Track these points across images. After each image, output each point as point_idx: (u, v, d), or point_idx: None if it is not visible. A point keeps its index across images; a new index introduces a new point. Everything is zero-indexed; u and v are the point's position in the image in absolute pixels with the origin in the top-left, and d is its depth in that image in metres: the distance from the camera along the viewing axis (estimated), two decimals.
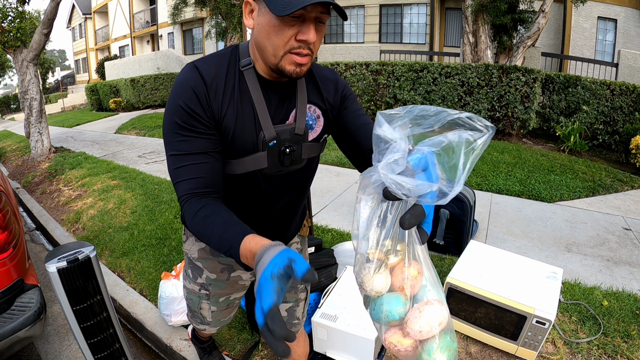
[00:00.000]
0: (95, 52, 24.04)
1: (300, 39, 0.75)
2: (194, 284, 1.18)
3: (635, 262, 2.52)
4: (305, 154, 0.93)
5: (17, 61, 5.55)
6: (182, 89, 0.80)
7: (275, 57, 0.78)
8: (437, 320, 0.55)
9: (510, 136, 6.09)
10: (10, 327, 1.60)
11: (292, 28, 0.74)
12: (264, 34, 0.77)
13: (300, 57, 0.77)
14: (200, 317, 1.25)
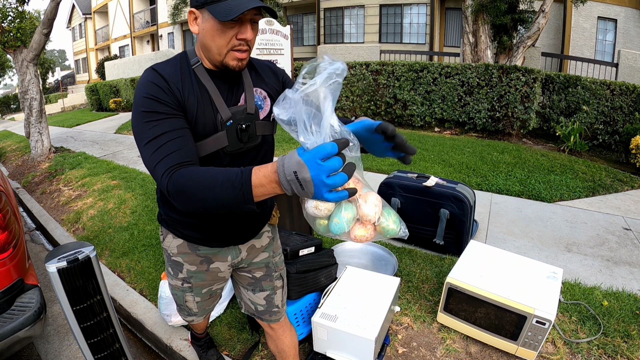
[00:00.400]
0: (95, 52, 24.03)
1: (240, 38, 0.90)
2: (176, 280, 1.25)
3: (635, 262, 2.52)
4: (259, 131, 1.04)
5: (17, 61, 5.55)
6: (143, 86, 0.91)
7: (220, 55, 0.93)
8: (376, 201, 0.74)
9: (510, 136, 6.09)
10: (10, 327, 1.60)
11: (232, 30, 0.89)
12: (209, 37, 0.91)
13: (241, 52, 0.93)
14: (187, 309, 1.32)
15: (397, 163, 4.70)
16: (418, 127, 6.99)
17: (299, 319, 1.79)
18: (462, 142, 5.74)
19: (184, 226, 1.13)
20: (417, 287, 2.21)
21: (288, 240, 1.87)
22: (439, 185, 2.55)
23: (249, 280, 1.30)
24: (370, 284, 1.82)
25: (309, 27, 14.67)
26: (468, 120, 6.43)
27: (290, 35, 7.03)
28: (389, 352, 1.77)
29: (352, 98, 7.53)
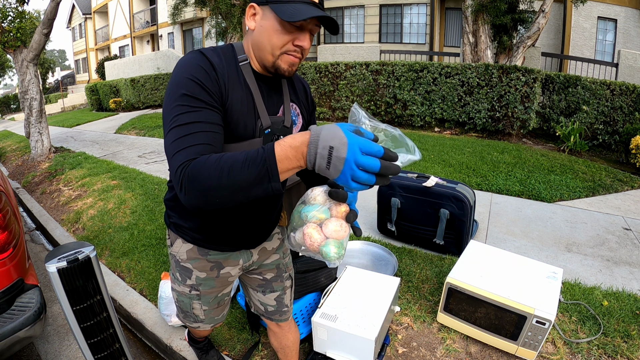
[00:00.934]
0: (95, 52, 24.03)
1: (297, 44, 0.88)
2: (183, 286, 1.19)
3: (635, 262, 2.52)
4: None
5: (17, 61, 5.55)
6: (190, 66, 0.84)
7: (273, 55, 0.89)
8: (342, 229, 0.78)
9: (510, 136, 6.09)
10: (10, 327, 1.60)
11: (291, 34, 0.87)
12: (266, 35, 0.88)
13: (295, 58, 0.91)
14: (194, 316, 1.27)
15: None
16: (418, 127, 7.00)
17: (299, 319, 1.79)
18: (462, 142, 5.74)
19: (195, 230, 1.08)
20: (417, 287, 2.21)
21: None
22: (439, 185, 2.55)
23: (259, 282, 1.28)
24: (370, 284, 1.82)
25: None
26: (468, 120, 6.43)
27: None
28: (389, 352, 1.77)
29: (352, 98, 7.54)
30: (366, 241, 2.64)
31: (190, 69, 0.83)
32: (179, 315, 1.32)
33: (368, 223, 3.13)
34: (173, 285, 1.25)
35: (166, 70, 13.13)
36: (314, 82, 7.95)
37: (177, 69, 0.85)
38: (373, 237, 2.85)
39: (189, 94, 0.81)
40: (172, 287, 1.26)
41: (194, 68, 0.83)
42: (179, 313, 1.31)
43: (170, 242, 1.17)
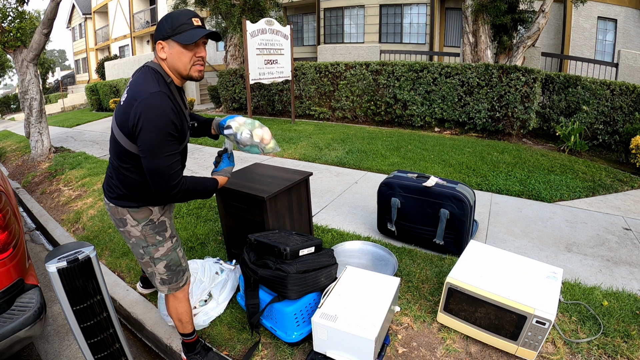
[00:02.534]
0: (95, 52, 24.03)
1: (199, 56, 1.36)
2: (166, 242, 1.54)
3: (635, 262, 2.52)
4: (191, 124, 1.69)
5: (17, 61, 5.55)
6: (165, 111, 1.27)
7: (186, 70, 1.36)
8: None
9: (510, 136, 6.09)
10: (10, 327, 1.60)
11: (192, 51, 1.33)
12: (177, 58, 1.34)
13: (200, 66, 1.38)
14: (182, 267, 1.61)
15: (398, 163, 4.70)
16: (418, 127, 7.00)
17: (299, 319, 1.79)
18: (462, 142, 5.74)
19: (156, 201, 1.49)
20: (417, 287, 2.21)
21: (288, 240, 1.87)
22: (439, 185, 2.55)
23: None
24: (370, 284, 1.82)
25: (309, 27, 14.67)
26: (468, 120, 6.43)
27: (290, 35, 7.02)
28: (389, 352, 1.77)
29: (352, 98, 7.53)
30: (366, 241, 2.64)
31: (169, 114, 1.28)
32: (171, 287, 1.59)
33: (368, 223, 3.13)
34: (158, 252, 1.52)
35: None
36: (314, 82, 7.95)
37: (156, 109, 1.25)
38: (373, 237, 2.85)
39: (173, 132, 1.30)
40: (158, 257, 1.53)
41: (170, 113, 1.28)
42: (171, 281, 1.58)
43: (141, 219, 1.48)
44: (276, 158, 5.25)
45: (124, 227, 1.50)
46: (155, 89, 1.26)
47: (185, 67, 1.33)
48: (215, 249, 2.71)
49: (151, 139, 1.23)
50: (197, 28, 1.29)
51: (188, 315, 1.70)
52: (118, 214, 1.48)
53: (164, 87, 1.30)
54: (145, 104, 1.23)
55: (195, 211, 3.43)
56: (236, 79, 9.41)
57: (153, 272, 1.55)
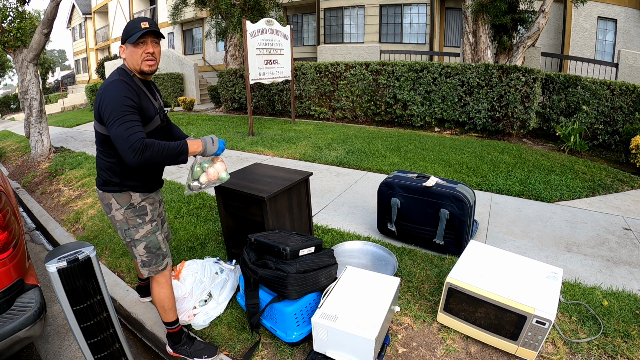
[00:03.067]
0: (95, 52, 24.03)
1: (146, 52, 1.57)
2: (146, 225, 1.69)
3: (635, 262, 2.52)
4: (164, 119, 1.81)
5: (17, 61, 5.55)
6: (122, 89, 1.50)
7: (138, 65, 1.58)
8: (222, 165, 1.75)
9: (510, 136, 6.09)
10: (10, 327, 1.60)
11: (141, 48, 1.56)
12: (130, 57, 1.58)
13: (149, 61, 1.59)
14: (162, 252, 1.74)
15: (397, 163, 4.69)
16: (418, 127, 7.00)
17: (299, 319, 1.79)
18: (462, 142, 5.74)
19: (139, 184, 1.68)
20: (417, 287, 2.21)
21: (288, 240, 1.87)
22: (439, 185, 2.55)
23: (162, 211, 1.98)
24: (370, 284, 1.82)
25: (309, 27, 14.67)
26: (468, 120, 6.43)
27: (290, 35, 7.02)
28: (389, 352, 1.77)
29: (352, 98, 7.53)
30: (366, 241, 2.64)
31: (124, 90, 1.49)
32: (151, 270, 1.71)
33: (368, 223, 3.13)
34: (138, 234, 1.67)
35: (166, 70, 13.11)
36: (314, 82, 7.95)
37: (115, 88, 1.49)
38: (373, 237, 2.85)
39: (128, 104, 1.47)
40: (138, 239, 1.68)
41: (125, 89, 1.50)
42: (150, 264, 1.71)
43: (123, 203, 1.65)
44: (276, 158, 5.25)
45: (110, 212, 1.68)
46: (114, 77, 1.53)
47: (137, 62, 1.56)
48: (215, 249, 2.71)
49: (109, 110, 1.43)
50: (142, 30, 1.52)
51: (170, 301, 1.78)
52: (105, 199, 1.68)
53: (124, 77, 1.55)
54: (104, 88, 1.50)
55: (195, 211, 3.43)
56: (236, 79, 9.41)
57: (135, 255, 1.72)
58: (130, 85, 1.53)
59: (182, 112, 10.80)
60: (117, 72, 1.57)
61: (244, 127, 7.60)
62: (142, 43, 1.54)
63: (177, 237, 2.95)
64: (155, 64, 1.60)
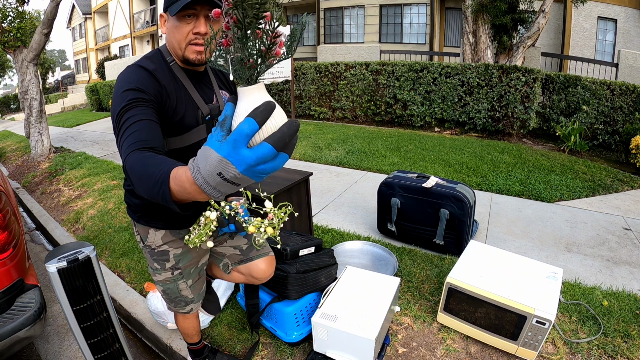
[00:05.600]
0: (95, 52, 24.02)
1: (196, 32, 1.02)
2: (165, 272, 1.29)
3: (635, 262, 2.52)
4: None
5: (17, 61, 5.55)
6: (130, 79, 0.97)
7: (180, 49, 1.05)
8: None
9: (510, 136, 6.09)
10: (10, 327, 1.60)
11: (188, 25, 1.02)
12: (171, 34, 1.05)
13: (197, 46, 1.03)
14: (183, 299, 1.36)
15: (397, 163, 4.69)
16: (418, 127, 6.99)
17: (299, 319, 1.79)
18: (462, 142, 5.74)
19: (164, 215, 1.20)
20: (417, 287, 2.21)
21: (288, 240, 1.87)
22: (439, 185, 2.55)
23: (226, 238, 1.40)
24: (370, 284, 1.82)
25: (309, 27, 14.67)
26: (468, 120, 6.43)
27: None
28: (389, 352, 1.77)
29: (352, 98, 7.53)
30: (366, 241, 2.64)
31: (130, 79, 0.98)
32: (170, 307, 1.39)
33: (368, 223, 3.13)
34: (155, 278, 1.33)
35: None
36: (314, 82, 7.95)
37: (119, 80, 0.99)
38: (373, 237, 2.85)
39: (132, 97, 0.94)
40: (156, 281, 1.33)
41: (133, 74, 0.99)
42: (169, 305, 1.39)
43: (142, 237, 1.28)
44: None
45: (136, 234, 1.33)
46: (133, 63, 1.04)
47: (180, 44, 1.03)
48: None
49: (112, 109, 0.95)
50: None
51: (193, 329, 1.58)
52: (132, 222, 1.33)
53: (149, 62, 1.04)
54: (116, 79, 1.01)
55: None
56: None
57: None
58: (153, 74, 1.01)
59: None
60: (148, 55, 1.10)
61: None
62: (190, 17, 1.00)
63: None
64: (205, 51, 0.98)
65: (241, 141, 0.48)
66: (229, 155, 0.49)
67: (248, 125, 0.48)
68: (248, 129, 0.48)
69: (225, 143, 0.50)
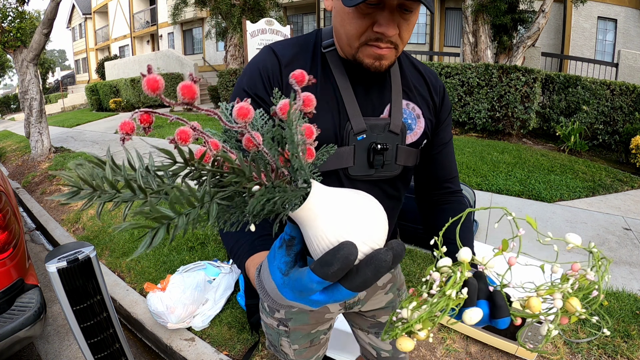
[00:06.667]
0: (95, 52, 24.03)
1: (378, 30, 0.61)
2: (271, 319, 0.98)
3: (635, 262, 2.52)
4: (400, 159, 0.75)
5: (17, 61, 5.55)
6: (249, 70, 0.72)
7: (351, 47, 0.66)
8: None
9: (510, 136, 6.09)
10: (10, 327, 1.60)
11: (368, 16, 0.61)
12: (339, 20, 0.66)
13: (379, 48, 0.64)
14: (283, 353, 1.04)
15: None
16: None
17: None
18: (462, 142, 5.74)
19: None
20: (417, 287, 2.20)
21: None
22: None
23: (371, 322, 1.02)
24: None
25: (309, 27, 14.67)
26: (468, 120, 6.43)
27: (291, 35, 7.03)
28: None
29: None
30: None
31: (248, 73, 0.72)
32: (269, 346, 1.09)
33: None
34: (261, 314, 1.05)
35: (166, 70, 13.12)
36: None
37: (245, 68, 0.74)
38: None
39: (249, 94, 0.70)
40: (262, 318, 1.04)
41: (251, 72, 0.71)
42: (268, 345, 1.08)
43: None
44: None
45: None
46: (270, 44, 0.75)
47: (351, 40, 0.65)
48: (215, 249, 2.71)
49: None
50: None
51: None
52: None
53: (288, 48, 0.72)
54: None
55: None
56: (236, 79, 9.41)
57: None
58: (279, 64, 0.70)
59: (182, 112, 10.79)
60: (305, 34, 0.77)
61: None
62: (374, 7, 0.61)
63: (177, 236, 2.95)
64: (392, 56, 0.66)
65: (307, 293, 0.40)
66: (294, 299, 0.42)
67: (317, 285, 0.38)
68: (317, 288, 0.38)
69: (289, 287, 0.41)
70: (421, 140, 0.78)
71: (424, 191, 0.94)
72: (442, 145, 0.84)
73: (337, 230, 0.36)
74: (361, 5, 0.60)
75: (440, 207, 0.90)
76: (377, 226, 0.37)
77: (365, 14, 0.61)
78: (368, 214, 0.37)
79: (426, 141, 0.80)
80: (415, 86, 0.79)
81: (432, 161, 0.86)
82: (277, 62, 0.70)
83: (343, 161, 0.71)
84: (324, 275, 0.36)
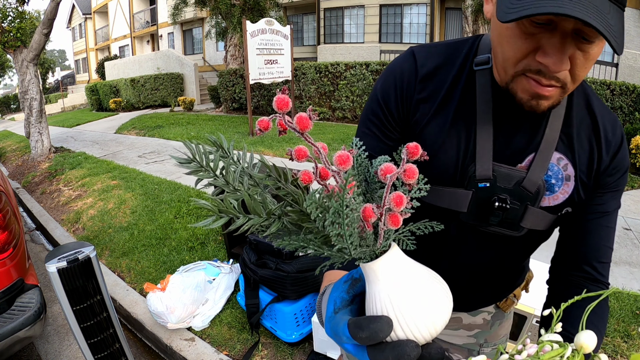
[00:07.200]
0: (95, 52, 24.04)
1: (540, 61, 0.46)
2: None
3: (635, 262, 2.52)
4: (527, 222, 0.62)
5: (17, 61, 5.56)
6: (386, 74, 0.64)
7: (506, 73, 0.52)
8: None
9: None
10: (10, 327, 1.60)
11: (532, 38, 0.46)
12: (496, 35, 0.52)
13: (537, 84, 0.49)
14: None
15: None
16: None
17: (299, 319, 1.79)
18: None
19: None
20: None
21: None
22: None
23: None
24: None
25: (309, 27, 14.68)
26: None
27: (290, 35, 7.02)
28: None
29: (352, 98, 7.54)
30: None
31: (384, 77, 0.64)
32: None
33: None
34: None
35: (166, 70, 13.13)
36: (314, 82, 7.96)
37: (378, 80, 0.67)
38: None
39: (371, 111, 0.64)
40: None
41: (387, 77, 0.63)
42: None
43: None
44: (276, 158, 5.25)
45: None
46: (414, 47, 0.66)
47: (505, 63, 0.51)
48: (215, 249, 2.71)
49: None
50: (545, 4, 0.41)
51: None
52: None
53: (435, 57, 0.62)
54: None
55: (195, 211, 3.43)
56: (236, 79, 9.42)
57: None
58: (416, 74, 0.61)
59: (182, 112, 10.80)
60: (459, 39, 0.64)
61: (244, 127, 7.60)
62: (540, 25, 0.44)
63: (177, 236, 2.95)
64: (554, 96, 0.50)
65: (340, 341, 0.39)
66: (331, 337, 0.41)
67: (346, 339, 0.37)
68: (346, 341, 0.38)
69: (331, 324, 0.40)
70: (562, 206, 0.62)
71: (559, 265, 0.73)
72: (597, 213, 0.63)
73: (386, 302, 0.35)
74: (524, 21, 0.45)
75: (577, 289, 0.65)
76: (427, 319, 0.35)
77: (528, 33, 0.46)
78: (426, 303, 0.35)
79: (569, 209, 0.63)
80: (580, 135, 0.60)
81: (579, 230, 0.65)
82: (415, 71, 0.61)
83: (455, 203, 0.62)
84: (353, 335, 0.35)
